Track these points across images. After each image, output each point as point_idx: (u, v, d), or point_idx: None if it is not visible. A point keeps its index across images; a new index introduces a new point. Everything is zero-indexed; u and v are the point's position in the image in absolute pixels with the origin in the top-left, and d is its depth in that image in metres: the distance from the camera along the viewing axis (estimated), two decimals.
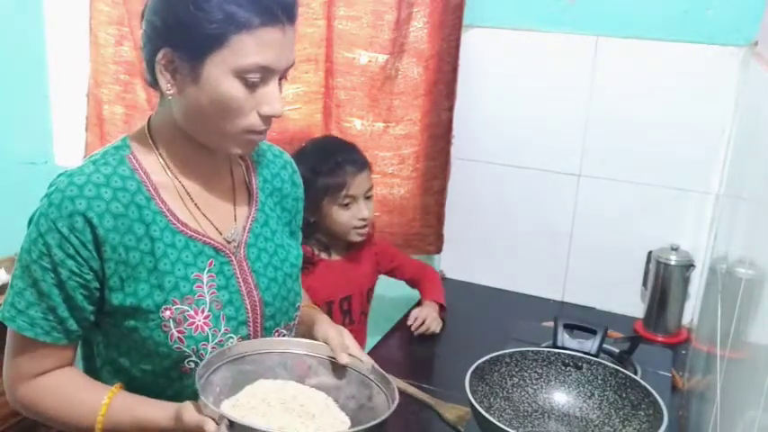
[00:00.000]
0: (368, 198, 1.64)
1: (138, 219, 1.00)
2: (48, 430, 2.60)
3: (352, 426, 0.97)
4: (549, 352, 1.29)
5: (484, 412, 1.09)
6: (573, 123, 1.78)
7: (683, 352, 1.67)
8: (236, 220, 1.10)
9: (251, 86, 0.97)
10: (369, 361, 1.06)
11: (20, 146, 2.57)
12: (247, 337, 1.06)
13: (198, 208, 1.06)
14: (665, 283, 1.70)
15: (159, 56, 0.97)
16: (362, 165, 1.63)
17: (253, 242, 1.11)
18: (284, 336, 1.13)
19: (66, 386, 1.02)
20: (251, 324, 1.07)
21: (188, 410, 0.92)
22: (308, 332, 1.16)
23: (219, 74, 0.95)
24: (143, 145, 1.05)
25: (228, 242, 1.08)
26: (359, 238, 1.64)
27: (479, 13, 1.79)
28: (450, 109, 1.82)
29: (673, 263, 1.68)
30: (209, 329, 1.02)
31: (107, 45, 2.19)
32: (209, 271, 1.04)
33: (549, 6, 1.74)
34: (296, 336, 1.17)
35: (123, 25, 2.15)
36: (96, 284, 0.99)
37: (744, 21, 1.58)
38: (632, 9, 1.67)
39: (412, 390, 1.45)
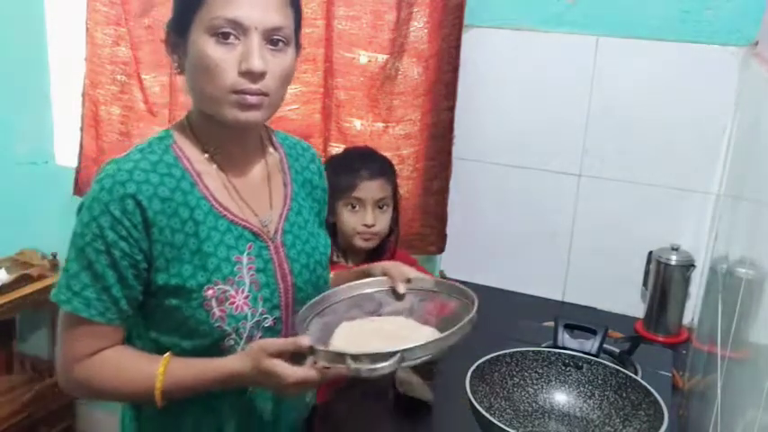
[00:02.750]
0: (380, 208, 1.65)
1: (183, 203, 1.05)
2: (48, 430, 2.62)
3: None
4: (549, 352, 1.29)
5: (484, 412, 1.09)
6: (573, 123, 1.78)
7: (684, 352, 1.67)
8: (271, 207, 1.16)
9: (226, 44, 1.01)
10: (430, 277, 1.18)
11: (20, 146, 2.57)
12: (279, 320, 1.12)
13: (238, 194, 1.12)
14: (665, 283, 1.70)
15: (164, 38, 1.07)
16: (376, 172, 1.64)
17: (288, 229, 1.17)
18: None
19: (121, 359, 1.07)
20: (283, 307, 1.13)
21: (268, 341, 1.01)
22: (368, 268, 1.25)
23: (198, 36, 1.02)
24: (184, 135, 1.11)
25: (265, 227, 1.13)
26: (362, 245, 1.65)
27: (479, 13, 1.78)
28: (451, 109, 1.82)
29: (673, 263, 1.68)
30: (249, 309, 1.08)
31: (104, 45, 2.18)
32: (248, 254, 1.09)
33: (550, 6, 1.74)
34: None
35: (120, 25, 2.14)
36: (145, 265, 1.04)
37: (744, 21, 1.58)
38: (632, 9, 1.67)
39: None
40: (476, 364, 1.21)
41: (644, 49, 1.68)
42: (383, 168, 1.67)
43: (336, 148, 1.91)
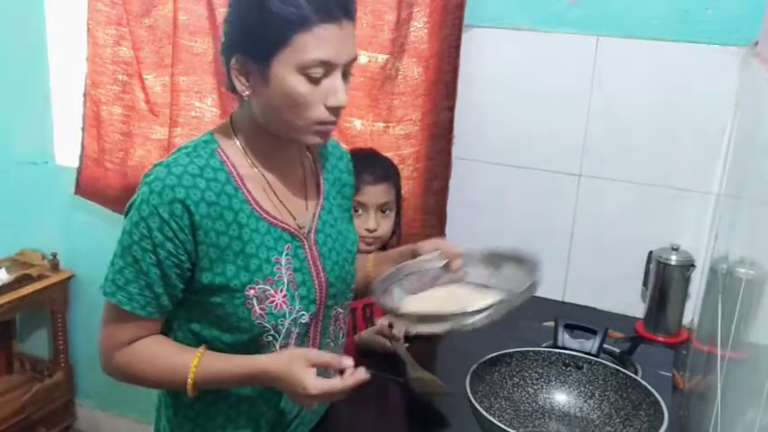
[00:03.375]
0: (383, 212, 1.65)
1: (227, 206, 1.10)
2: (48, 430, 2.62)
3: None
4: (549, 352, 1.29)
5: (484, 412, 1.09)
6: (573, 123, 1.78)
7: (684, 352, 1.67)
8: (306, 208, 1.21)
9: (314, 81, 1.05)
10: (479, 249, 1.23)
11: (20, 146, 2.57)
12: (314, 315, 1.18)
13: (277, 196, 1.16)
14: (665, 283, 1.70)
15: (233, 62, 1.07)
16: (380, 177, 1.63)
17: (320, 228, 1.21)
18: (341, 314, 1.26)
19: (159, 347, 1.13)
20: (318, 303, 1.18)
21: (313, 352, 1.09)
22: (414, 248, 1.28)
23: (285, 72, 1.04)
24: (228, 139, 1.15)
25: (300, 228, 1.18)
26: (364, 248, 1.64)
27: (479, 13, 1.78)
28: (451, 109, 1.82)
29: (673, 263, 1.68)
30: (287, 307, 1.13)
31: (105, 45, 2.18)
32: (286, 254, 1.15)
33: (550, 6, 1.74)
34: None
35: (122, 25, 2.14)
36: (189, 265, 1.09)
37: (744, 21, 1.58)
38: (633, 9, 1.67)
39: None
40: (476, 364, 1.21)
41: (644, 49, 1.68)
42: (387, 172, 1.67)
43: None
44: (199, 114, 2.04)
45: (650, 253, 1.74)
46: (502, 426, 1.07)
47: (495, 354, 1.25)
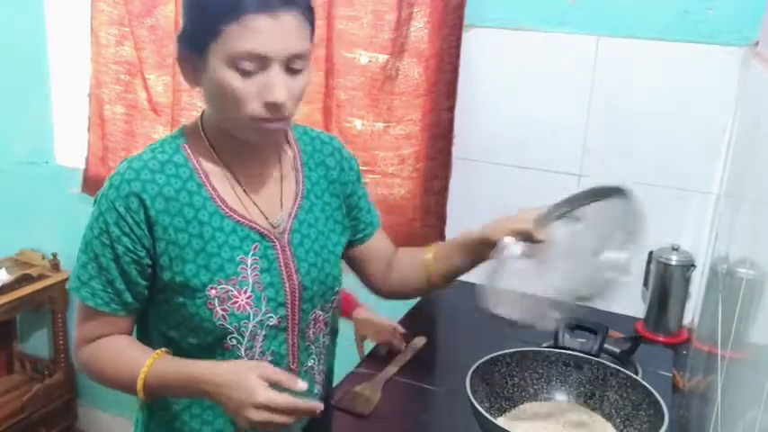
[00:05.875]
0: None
1: (188, 203, 1.07)
2: (48, 430, 2.62)
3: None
4: (549, 352, 1.29)
5: (484, 412, 1.09)
6: (573, 123, 1.78)
7: (684, 352, 1.67)
8: (282, 206, 1.16)
9: (247, 75, 1.00)
10: (549, 207, 1.22)
11: (20, 146, 2.57)
12: (285, 318, 1.14)
13: (247, 194, 1.13)
14: (665, 283, 1.70)
15: (178, 53, 1.06)
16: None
17: (297, 228, 1.17)
18: (321, 316, 1.20)
19: (119, 346, 1.11)
20: (289, 306, 1.14)
21: (269, 366, 1.01)
22: (482, 236, 1.27)
23: (217, 64, 1.00)
24: (196, 135, 1.12)
25: (274, 227, 1.14)
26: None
27: (480, 13, 1.78)
28: (451, 109, 1.82)
29: (673, 263, 1.68)
30: (251, 309, 1.09)
31: (108, 45, 2.19)
32: (253, 254, 1.11)
33: (550, 6, 1.74)
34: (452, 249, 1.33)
35: (124, 25, 2.15)
36: (148, 261, 1.07)
37: (744, 21, 1.58)
38: (633, 9, 1.67)
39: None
40: (476, 364, 1.21)
41: (644, 49, 1.68)
42: None
43: None
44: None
45: (650, 253, 1.74)
46: (502, 426, 1.07)
47: (495, 354, 1.25)
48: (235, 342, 1.09)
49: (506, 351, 1.27)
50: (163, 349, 1.09)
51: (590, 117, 1.76)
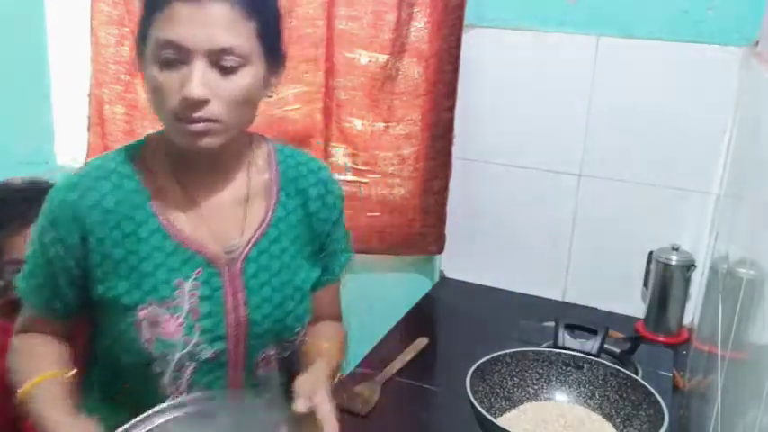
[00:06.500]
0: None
1: (128, 217, 1.01)
2: None
3: None
4: (549, 352, 1.29)
5: (484, 412, 1.09)
6: (573, 123, 1.78)
7: (684, 352, 1.67)
8: (243, 232, 1.07)
9: (167, 66, 0.94)
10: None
11: (20, 146, 2.57)
12: (224, 352, 1.04)
13: (200, 215, 1.04)
14: (665, 283, 1.70)
15: (135, 49, 1.02)
16: None
17: (254, 257, 1.07)
18: (273, 356, 1.09)
19: (30, 350, 1.06)
20: (231, 340, 1.05)
21: None
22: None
23: (148, 56, 0.96)
24: (155, 147, 1.06)
25: (226, 253, 1.05)
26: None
27: (480, 13, 1.78)
28: (451, 109, 1.82)
29: (674, 263, 1.68)
30: (181, 337, 1.01)
31: (108, 45, 2.19)
32: (194, 279, 1.02)
33: (550, 6, 1.74)
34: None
35: (124, 25, 2.15)
36: (78, 272, 1.02)
37: (744, 21, 1.58)
38: (633, 9, 1.67)
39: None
40: (476, 364, 1.21)
41: (644, 49, 1.68)
42: None
43: (337, 149, 1.91)
44: None
45: (651, 253, 1.74)
46: (502, 426, 1.07)
47: (495, 354, 1.25)
48: (159, 370, 1.02)
49: (506, 351, 1.27)
50: (63, 370, 1.04)
51: (590, 117, 1.76)
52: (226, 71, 0.95)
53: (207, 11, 0.92)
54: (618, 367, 1.24)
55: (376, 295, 2.05)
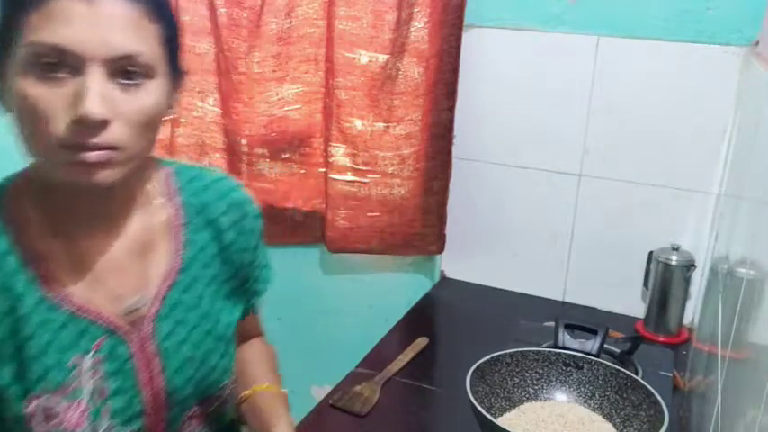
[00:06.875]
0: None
1: (3, 289, 0.81)
2: None
3: None
4: (549, 352, 1.29)
5: (484, 412, 1.09)
6: (574, 123, 1.78)
7: (684, 352, 1.67)
8: (148, 284, 0.90)
9: (47, 79, 0.73)
10: None
11: (20, 146, 2.57)
12: (142, 429, 0.90)
13: (92, 273, 0.85)
14: (665, 283, 1.70)
15: None
16: None
17: (166, 314, 0.90)
18: (198, 412, 0.96)
19: None
20: (149, 415, 0.89)
21: None
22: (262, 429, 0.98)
23: (17, 69, 0.74)
24: (24, 191, 0.85)
25: (129, 314, 0.88)
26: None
27: (480, 13, 1.78)
28: (451, 109, 1.82)
29: (674, 263, 1.68)
30: (88, 424, 0.84)
31: None
32: (95, 354, 0.84)
33: (550, 6, 1.74)
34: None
35: None
36: None
37: (745, 20, 1.58)
38: (633, 9, 1.67)
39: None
40: (476, 364, 1.21)
41: (644, 49, 1.68)
42: None
43: (338, 149, 1.91)
44: (201, 114, 2.03)
45: (651, 253, 1.74)
46: (502, 426, 1.07)
47: (495, 354, 1.25)
48: None
49: (506, 351, 1.27)
50: None
51: (590, 117, 1.76)
52: (128, 85, 0.77)
53: (102, 8, 0.73)
54: (618, 367, 1.24)
55: (376, 295, 2.05)
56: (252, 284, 1.04)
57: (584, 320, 1.45)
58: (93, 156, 0.75)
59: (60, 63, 0.73)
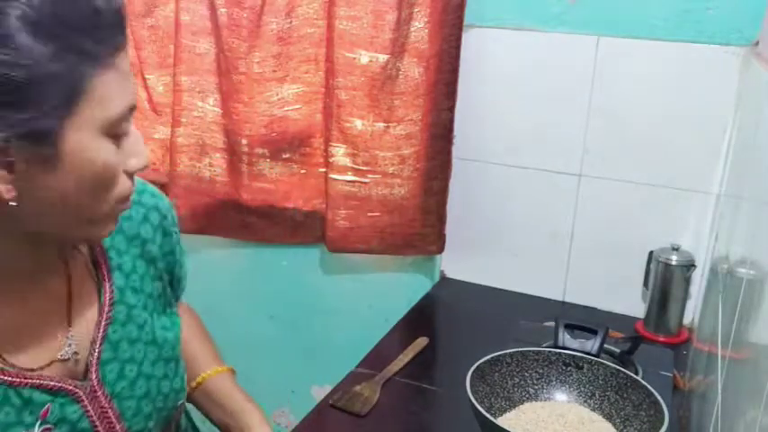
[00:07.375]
0: None
1: None
2: None
3: None
4: (549, 352, 1.29)
5: (484, 412, 1.09)
6: (574, 123, 1.78)
7: (684, 352, 1.67)
8: (85, 327, 0.82)
9: (119, 142, 0.71)
10: None
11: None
12: None
13: (21, 333, 0.75)
14: (666, 283, 1.70)
15: None
16: None
17: (110, 357, 0.82)
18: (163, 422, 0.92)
19: None
20: None
21: None
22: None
23: (85, 139, 0.66)
24: None
25: (74, 362, 0.80)
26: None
27: (480, 13, 1.79)
28: (451, 109, 1.82)
29: (674, 263, 1.68)
30: None
31: None
32: (43, 423, 0.75)
33: (550, 6, 1.74)
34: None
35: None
36: None
37: (745, 20, 1.58)
38: (633, 9, 1.67)
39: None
40: (476, 364, 1.21)
41: (644, 49, 1.68)
42: None
43: (338, 149, 1.91)
44: (201, 114, 2.04)
45: (651, 253, 1.74)
46: (502, 426, 1.07)
47: (495, 354, 1.25)
48: None
49: (506, 351, 1.27)
50: None
51: (590, 117, 1.76)
52: None
53: (126, 59, 0.72)
54: (618, 367, 1.24)
55: (376, 295, 2.05)
56: (178, 283, 0.99)
57: (584, 320, 1.45)
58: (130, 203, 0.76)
59: (127, 122, 0.71)
